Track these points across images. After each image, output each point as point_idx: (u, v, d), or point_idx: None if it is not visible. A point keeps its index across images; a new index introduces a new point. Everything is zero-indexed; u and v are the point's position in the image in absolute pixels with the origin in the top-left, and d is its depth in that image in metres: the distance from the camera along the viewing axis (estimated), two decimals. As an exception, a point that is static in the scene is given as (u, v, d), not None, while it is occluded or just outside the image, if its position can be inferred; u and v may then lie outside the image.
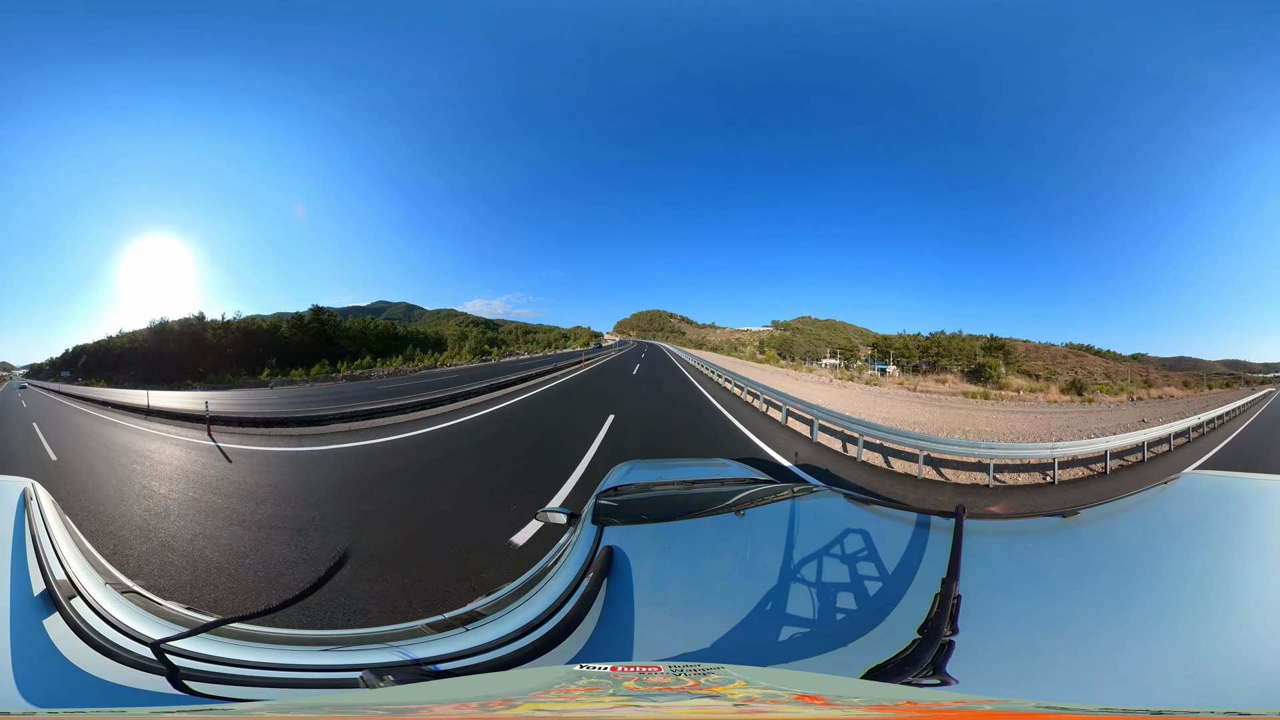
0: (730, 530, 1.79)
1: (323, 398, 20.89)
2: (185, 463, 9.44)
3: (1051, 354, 42.58)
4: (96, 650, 1.20)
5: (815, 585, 1.37)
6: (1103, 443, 10.15)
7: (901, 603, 1.26)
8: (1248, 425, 17.49)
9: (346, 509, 6.45)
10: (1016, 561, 1.47)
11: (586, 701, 0.87)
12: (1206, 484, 1.89)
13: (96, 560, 1.78)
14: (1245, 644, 0.98)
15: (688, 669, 1.04)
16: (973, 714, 0.79)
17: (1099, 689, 0.96)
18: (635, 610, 1.31)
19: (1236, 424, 17.44)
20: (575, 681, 0.98)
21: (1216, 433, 15.35)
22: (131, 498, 7.23)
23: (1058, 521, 1.62)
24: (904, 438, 9.44)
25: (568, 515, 2.30)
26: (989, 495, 8.45)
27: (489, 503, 6.35)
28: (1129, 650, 1.03)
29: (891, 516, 1.81)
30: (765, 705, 0.84)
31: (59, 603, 1.31)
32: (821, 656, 1.12)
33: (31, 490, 1.95)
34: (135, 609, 1.48)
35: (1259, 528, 1.45)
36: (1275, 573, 1.15)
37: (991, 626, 1.14)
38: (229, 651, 1.34)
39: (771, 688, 0.93)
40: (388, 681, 1.16)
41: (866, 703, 0.84)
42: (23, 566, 1.44)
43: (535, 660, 1.17)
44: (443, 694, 1.05)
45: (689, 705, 0.84)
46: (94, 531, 5.80)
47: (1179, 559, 1.34)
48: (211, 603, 4.21)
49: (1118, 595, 1.20)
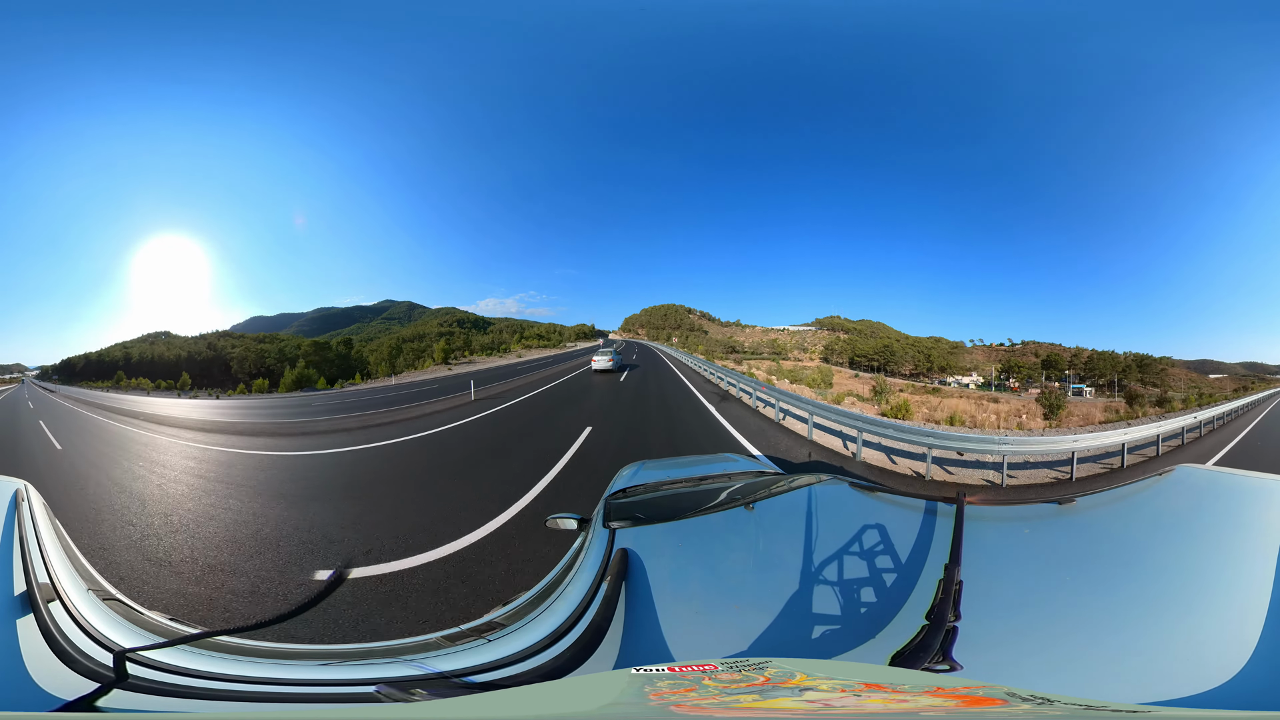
0: (741, 524, 1.87)
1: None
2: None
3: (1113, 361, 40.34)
4: (57, 656, 1.21)
5: (829, 574, 1.45)
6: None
7: (910, 589, 1.34)
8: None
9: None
10: (1015, 547, 1.58)
11: (748, 699, 0.86)
12: (1200, 478, 1.97)
13: (82, 565, 1.81)
14: (1223, 637, 1.07)
15: (744, 665, 1.05)
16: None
17: (1088, 674, 1.05)
18: (658, 611, 1.37)
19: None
20: (655, 685, 0.95)
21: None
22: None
23: (1054, 509, 1.73)
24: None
25: (578, 520, 2.35)
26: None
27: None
28: (1116, 636, 1.12)
29: (894, 503, 1.91)
30: (850, 698, 0.85)
31: (36, 605, 1.33)
32: (859, 649, 1.20)
33: (24, 491, 1.99)
34: (114, 617, 1.51)
35: (1246, 524, 1.53)
36: (1259, 570, 1.22)
37: (991, 611, 1.23)
38: (214, 665, 1.34)
39: (831, 678, 0.96)
40: (419, 695, 1.15)
41: (914, 689, 0.89)
42: (7, 567, 1.48)
43: (579, 668, 1.18)
44: (502, 707, 0.99)
45: (800, 700, 0.85)
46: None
47: (1167, 550, 1.44)
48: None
49: (1108, 582, 1.30)
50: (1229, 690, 0.94)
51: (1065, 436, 9.77)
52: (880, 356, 44.43)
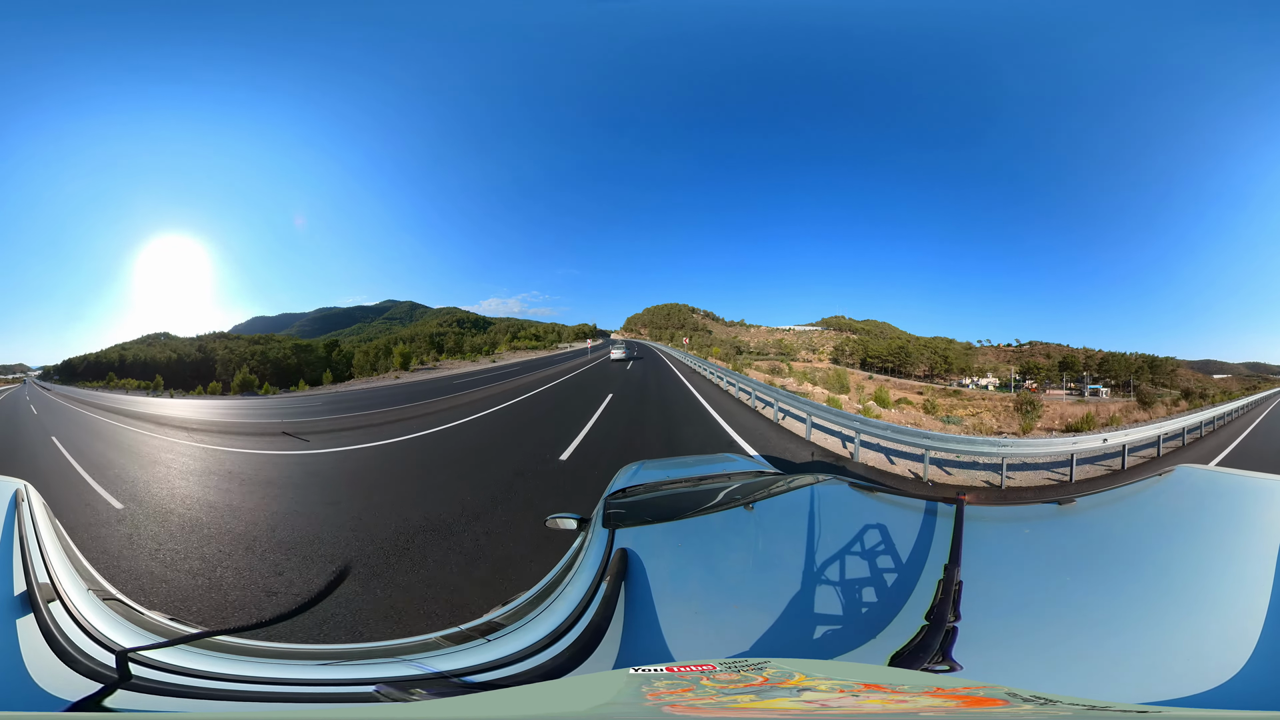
0: (741, 524, 1.88)
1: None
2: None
3: (1127, 362, 40.30)
4: (58, 656, 1.22)
5: (828, 575, 1.46)
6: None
7: (910, 590, 1.34)
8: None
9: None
10: (1015, 548, 1.59)
11: (744, 699, 0.87)
12: (1200, 478, 1.97)
13: (82, 565, 1.82)
14: (1223, 637, 1.07)
15: (742, 665, 1.05)
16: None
17: (1088, 674, 1.05)
18: (658, 611, 1.37)
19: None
20: (652, 685, 0.96)
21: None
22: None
23: (1054, 509, 1.72)
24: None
25: (578, 520, 2.35)
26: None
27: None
28: (1117, 636, 1.13)
29: (894, 504, 1.91)
30: (848, 698, 0.86)
31: (36, 605, 1.34)
32: (859, 649, 1.21)
33: (24, 491, 2.00)
34: (115, 617, 1.52)
35: (1247, 524, 1.53)
36: (1259, 570, 1.22)
37: (991, 612, 1.23)
38: (215, 665, 1.35)
39: (830, 678, 0.97)
40: (418, 695, 1.15)
41: (914, 689, 0.90)
42: (7, 567, 1.48)
43: (577, 668, 1.19)
44: (501, 707, 1.00)
45: (798, 700, 0.85)
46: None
47: (1168, 550, 1.44)
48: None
49: (1108, 583, 1.30)
50: (1229, 690, 0.95)
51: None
52: (895, 358, 43.51)
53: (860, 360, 45.37)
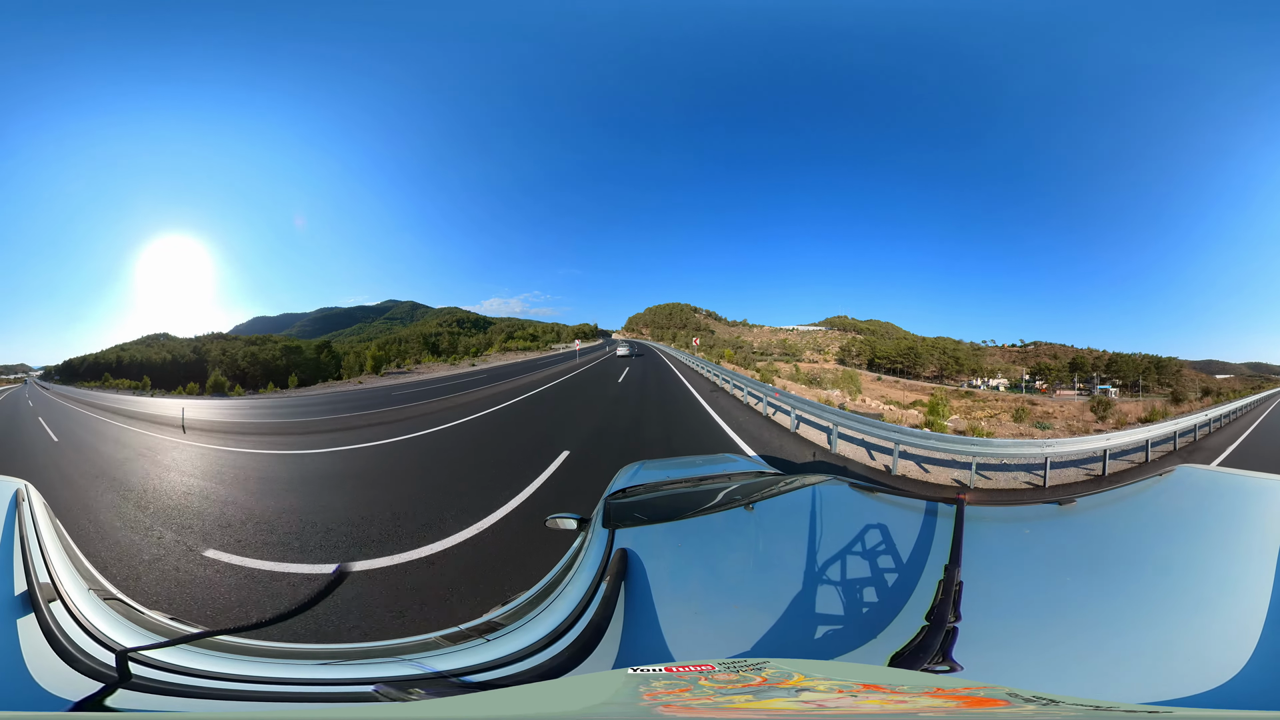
0: (741, 525, 1.88)
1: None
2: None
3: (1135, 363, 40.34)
4: (59, 655, 1.22)
5: (829, 575, 1.46)
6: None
7: (910, 590, 1.34)
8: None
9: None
10: (1015, 548, 1.59)
11: (741, 700, 0.87)
12: (1200, 478, 1.97)
13: (82, 565, 1.83)
14: (1223, 637, 1.08)
15: (741, 665, 1.06)
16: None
17: (1089, 674, 1.05)
18: (658, 611, 1.38)
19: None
20: (650, 685, 0.96)
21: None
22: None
23: (1054, 509, 1.72)
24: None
25: (578, 520, 2.36)
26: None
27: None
28: (1117, 637, 1.13)
29: (894, 504, 1.92)
30: (846, 699, 0.86)
31: (37, 605, 1.34)
32: (860, 649, 1.21)
33: (24, 491, 2.00)
34: (115, 616, 1.52)
35: (1247, 525, 1.53)
36: (1260, 570, 1.22)
37: (991, 612, 1.23)
38: (215, 665, 1.35)
39: (829, 678, 0.97)
40: (418, 694, 1.16)
41: (913, 689, 0.90)
42: (8, 567, 1.49)
43: (576, 668, 1.19)
44: (497, 706, 1.01)
45: (796, 701, 0.85)
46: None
47: (1168, 550, 1.45)
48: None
49: (1108, 583, 1.31)
50: (1230, 690, 0.95)
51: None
52: (904, 359, 42.54)
53: (868, 361, 44.80)
